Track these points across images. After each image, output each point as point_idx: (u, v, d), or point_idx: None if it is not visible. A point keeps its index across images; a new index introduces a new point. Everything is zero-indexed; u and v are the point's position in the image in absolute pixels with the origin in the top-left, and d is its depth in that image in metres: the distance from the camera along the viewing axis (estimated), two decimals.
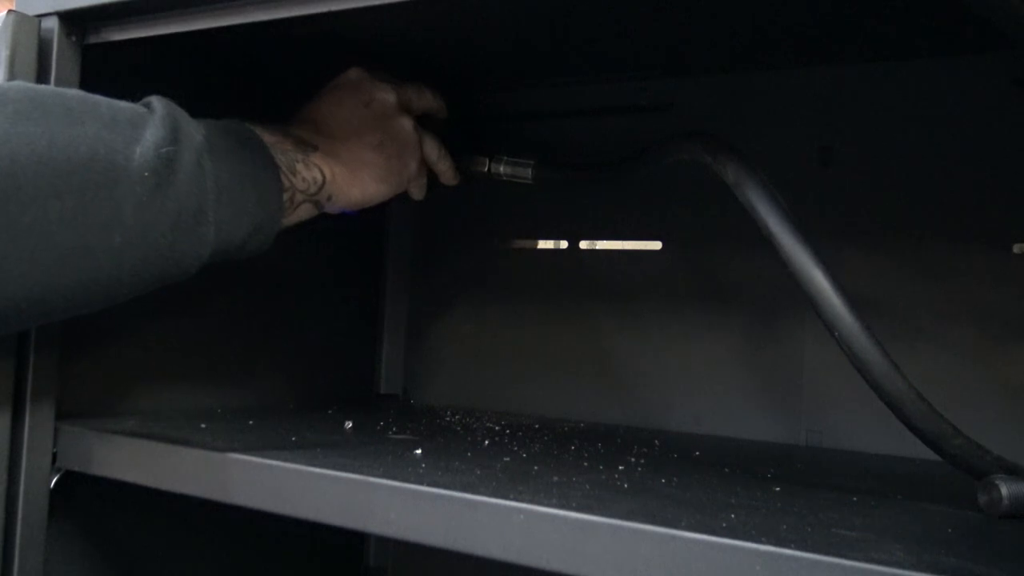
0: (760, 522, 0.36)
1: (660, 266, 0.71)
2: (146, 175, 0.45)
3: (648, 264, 0.72)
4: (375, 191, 0.60)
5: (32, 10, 0.52)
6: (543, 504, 0.37)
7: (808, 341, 0.65)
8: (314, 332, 0.76)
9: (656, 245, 0.72)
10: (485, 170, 0.68)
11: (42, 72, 0.52)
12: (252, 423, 0.58)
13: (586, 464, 0.50)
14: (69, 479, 0.53)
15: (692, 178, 0.66)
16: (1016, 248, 0.59)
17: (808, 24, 0.56)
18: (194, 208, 0.47)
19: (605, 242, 0.75)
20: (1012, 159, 0.59)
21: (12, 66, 0.50)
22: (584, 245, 0.76)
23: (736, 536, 0.33)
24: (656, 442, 0.62)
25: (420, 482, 0.40)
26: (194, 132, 0.48)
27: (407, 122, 0.62)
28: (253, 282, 0.69)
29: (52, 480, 0.52)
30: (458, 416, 0.71)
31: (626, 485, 0.44)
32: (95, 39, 0.53)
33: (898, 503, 0.44)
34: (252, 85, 0.68)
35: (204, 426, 0.55)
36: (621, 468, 0.49)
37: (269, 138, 0.53)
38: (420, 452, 0.50)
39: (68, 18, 0.52)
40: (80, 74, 0.53)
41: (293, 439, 0.52)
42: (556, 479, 0.44)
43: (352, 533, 0.59)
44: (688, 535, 0.33)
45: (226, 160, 0.49)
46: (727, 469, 0.51)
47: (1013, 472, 0.42)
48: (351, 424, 0.60)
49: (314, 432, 0.56)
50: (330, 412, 0.68)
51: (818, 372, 0.64)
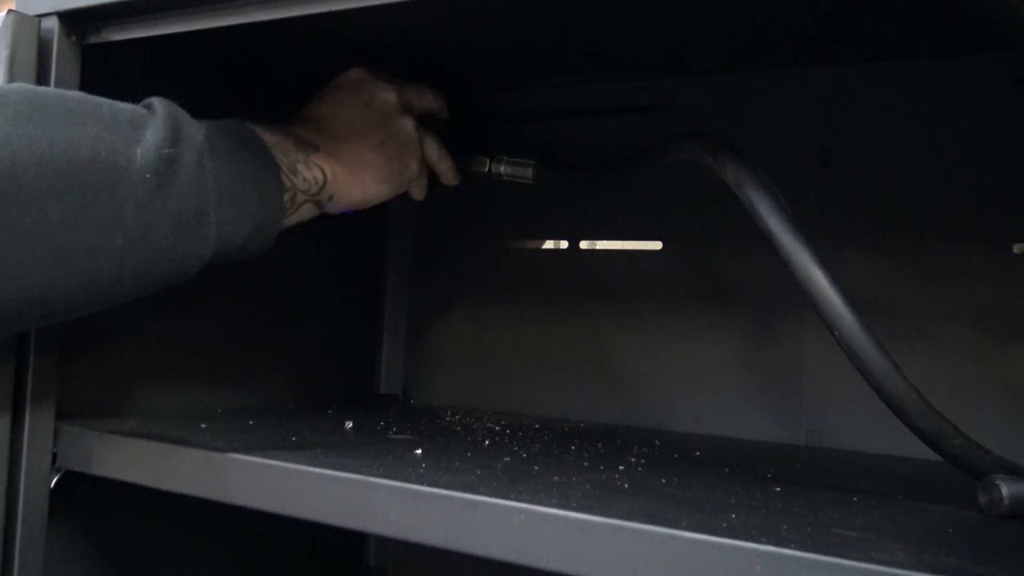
0: (760, 522, 0.36)
1: (660, 266, 0.71)
2: (147, 176, 0.45)
3: (648, 264, 0.72)
4: (376, 191, 0.60)
5: (32, 10, 0.52)
6: (543, 504, 0.37)
7: (808, 341, 0.65)
8: (314, 332, 0.76)
9: (656, 245, 0.72)
10: (485, 170, 0.68)
11: (42, 72, 0.51)
12: (252, 423, 0.58)
13: (586, 464, 0.50)
14: (69, 479, 0.53)
15: (692, 178, 0.66)
16: (1016, 248, 0.59)
17: (808, 24, 0.56)
18: (195, 209, 0.47)
19: (605, 242, 0.75)
20: (1012, 159, 0.59)
21: (12, 66, 0.50)
22: (584, 245, 0.76)
23: (736, 536, 0.33)
24: (656, 442, 0.62)
25: (420, 482, 0.40)
26: (195, 132, 0.48)
27: (408, 122, 0.62)
28: (253, 282, 0.69)
29: (52, 480, 0.53)
30: (458, 416, 0.71)
31: (626, 485, 0.44)
32: (95, 39, 0.53)
33: (898, 503, 0.44)
34: (252, 85, 0.68)
35: (204, 426, 0.55)
36: (621, 468, 0.49)
37: (270, 138, 0.53)
38: (420, 452, 0.50)
39: (68, 18, 0.52)
40: (80, 74, 0.53)
41: (293, 439, 0.52)
42: (556, 479, 0.44)
43: (352, 533, 0.59)
44: (688, 535, 0.33)
45: (227, 160, 0.49)
46: (727, 469, 0.51)
47: (1013, 472, 0.42)
48: (351, 424, 0.60)
49: (314, 432, 0.56)
50: (330, 412, 0.68)
51: (818, 372, 0.64)
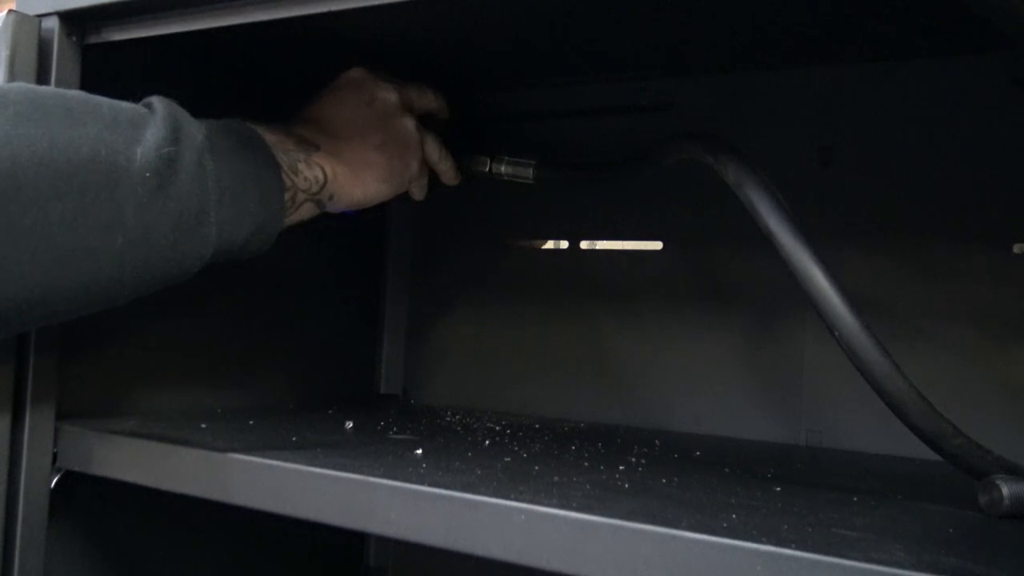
0: (760, 522, 0.36)
1: (661, 266, 0.71)
2: (147, 176, 0.45)
3: (649, 264, 0.72)
4: (377, 191, 0.60)
5: (32, 10, 0.52)
6: (544, 504, 0.37)
7: (808, 341, 0.65)
8: (314, 332, 0.76)
9: (657, 245, 0.72)
10: (486, 170, 0.68)
11: (42, 72, 0.51)
12: (252, 423, 0.58)
13: (586, 464, 0.50)
14: (69, 479, 0.53)
15: (693, 178, 0.66)
16: (1016, 248, 0.59)
17: (808, 24, 0.56)
18: (196, 208, 0.47)
19: (606, 242, 0.75)
20: (1012, 159, 0.59)
21: (12, 66, 0.50)
22: (585, 245, 0.76)
23: (736, 536, 0.33)
24: (656, 442, 0.62)
25: (421, 482, 0.40)
26: (195, 132, 0.48)
27: (409, 122, 0.62)
28: (253, 282, 0.69)
29: (52, 480, 0.53)
30: (458, 416, 0.71)
31: (626, 485, 0.44)
32: (95, 39, 0.53)
33: (898, 503, 0.44)
34: (252, 85, 0.68)
35: (204, 426, 0.55)
36: (621, 468, 0.49)
37: (271, 137, 0.53)
38: (420, 452, 0.50)
39: (68, 18, 0.52)
40: (80, 74, 0.53)
41: (293, 439, 0.52)
42: (557, 479, 0.44)
43: (352, 533, 0.59)
44: (688, 535, 0.33)
45: (227, 160, 0.49)
46: (727, 469, 0.51)
47: (1013, 472, 0.42)
48: (351, 424, 0.60)
49: (314, 432, 0.56)
50: (330, 412, 0.68)
51: (818, 372, 0.64)
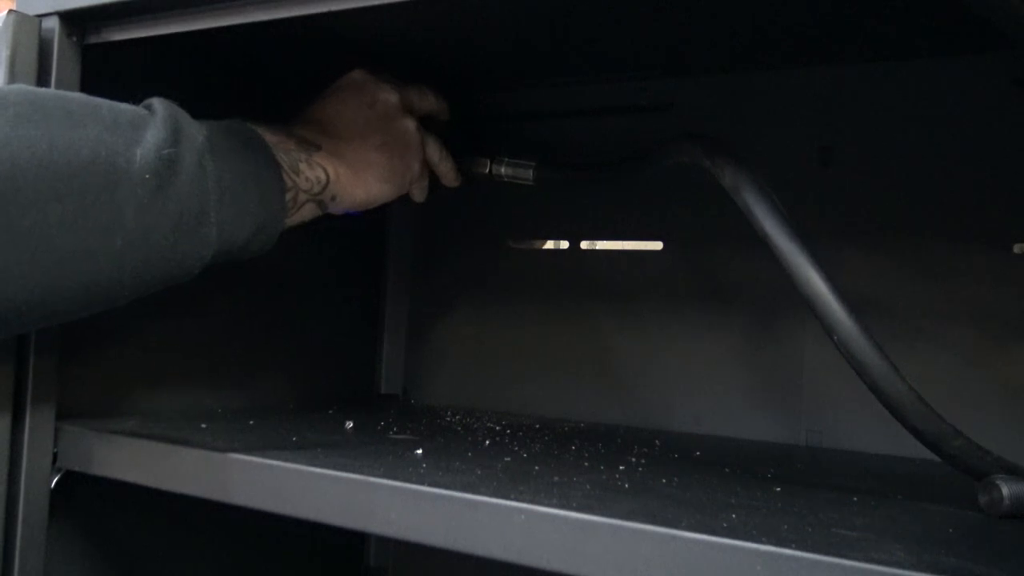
0: (760, 522, 0.36)
1: (661, 266, 0.71)
2: (147, 177, 0.45)
3: (649, 264, 0.72)
4: (379, 191, 0.60)
5: (32, 10, 0.52)
6: (544, 504, 0.37)
7: (808, 341, 0.65)
8: (315, 332, 0.76)
9: (657, 245, 0.72)
10: (486, 171, 0.68)
11: (42, 72, 0.51)
12: (252, 423, 0.58)
13: (586, 464, 0.50)
14: (69, 479, 0.53)
15: (693, 178, 0.65)
16: (1016, 248, 0.59)
17: (808, 24, 0.56)
18: (196, 209, 0.47)
19: (606, 242, 0.75)
20: (1012, 159, 0.59)
21: (12, 66, 0.50)
22: (585, 245, 0.76)
23: (736, 536, 0.33)
24: (656, 442, 0.62)
25: (421, 482, 0.40)
26: (195, 133, 0.48)
27: (410, 123, 0.62)
28: (254, 282, 0.69)
29: (53, 480, 0.53)
30: (458, 416, 0.71)
31: (626, 485, 0.44)
32: (95, 39, 0.53)
33: (898, 503, 0.44)
34: (252, 85, 0.68)
35: (204, 426, 0.55)
36: (621, 468, 0.49)
37: (272, 138, 0.53)
38: (420, 452, 0.50)
39: (68, 18, 0.52)
40: (80, 74, 0.53)
41: (294, 439, 0.52)
42: (557, 479, 0.44)
43: (352, 533, 0.59)
44: (689, 535, 0.33)
45: (228, 160, 0.49)
46: (727, 469, 0.52)
47: (1013, 472, 0.42)
48: (351, 424, 0.60)
49: (315, 432, 0.56)
50: (330, 412, 0.68)
51: (818, 372, 0.64)
